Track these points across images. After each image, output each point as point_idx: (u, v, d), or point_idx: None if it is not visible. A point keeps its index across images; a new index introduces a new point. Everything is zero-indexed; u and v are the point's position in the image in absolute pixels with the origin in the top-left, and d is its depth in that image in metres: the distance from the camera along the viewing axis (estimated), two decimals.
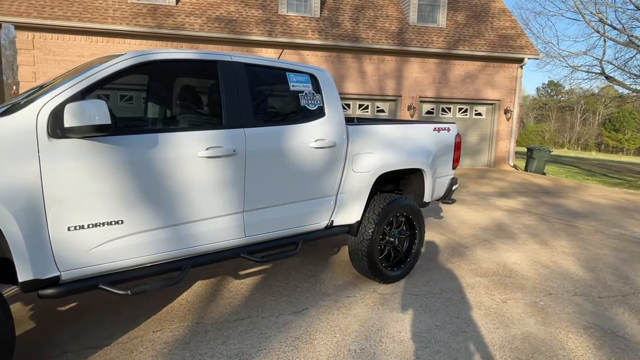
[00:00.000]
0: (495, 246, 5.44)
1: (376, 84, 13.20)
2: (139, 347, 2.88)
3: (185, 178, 2.71)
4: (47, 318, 3.24)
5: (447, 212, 7.31)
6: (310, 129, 3.36)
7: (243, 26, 12.07)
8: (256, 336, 3.06)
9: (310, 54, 12.64)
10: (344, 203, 3.70)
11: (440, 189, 4.64)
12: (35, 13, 10.68)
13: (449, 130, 4.58)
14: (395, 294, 3.86)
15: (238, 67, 3.04)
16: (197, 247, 2.86)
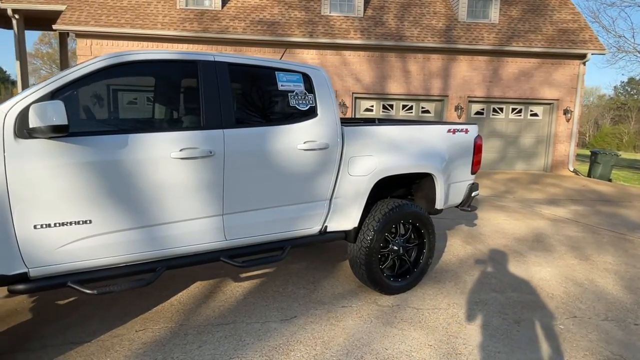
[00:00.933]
0: (526, 259, 4.96)
1: (421, 84, 12.73)
2: (117, 345, 2.90)
3: (158, 179, 2.68)
4: (44, 310, 3.38)
5: (482, 220, 6.82)
6: (299, 130, 3.22)
7: (285, 28, 12.14)
8: (234, 343, 2.98)
9: (352, 54, 12.45)
10: (339, 208, 3.52)
11: (457, 195, 4.29)
12: (93, 21, 11.44)
13: (466, 131, 4.23)
14: (396, 307, 3.61)
15: (221, 67, 2.97)
16: (172, 249, 2.82)
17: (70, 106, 2.50)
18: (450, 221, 6.66)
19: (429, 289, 4.02)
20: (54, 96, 2.42)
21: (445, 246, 5.36)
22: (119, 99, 2.69)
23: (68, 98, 2.49)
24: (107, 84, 2.65)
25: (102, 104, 2.64)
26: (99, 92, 2.61)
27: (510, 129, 13.32)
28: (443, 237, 5.77)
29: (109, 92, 2.65)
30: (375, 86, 12.64)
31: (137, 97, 2.70)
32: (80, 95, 2.54)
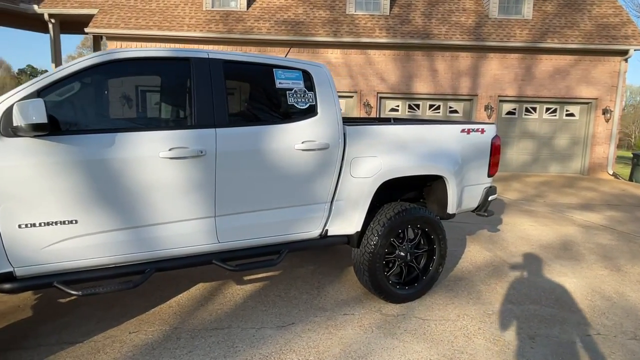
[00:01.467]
0: (550, 268, 4.63)
1: (449, 83, 12.34)
2: (108, 347, 2.87)
3: (146, 179, 2.62)
4: (45, 309, 3.40)
5: (507, 225, 6.47)
6: (297, 129, 3.09)
7: (309, 28, 12.05)
8: (225, 349, 2.88)
9: (377, 53, 12.22)
10: (341, 211, 3.36)
11: (472, 199, 4.04)
12: (122, 24, 11.74)
13: (482, 131, 3.97)
14: (401, 317, 3.42)
15: (215, 64, 2.88)
16: (162, 250, 2.76)
17: (57, 104, 2.47)
18: (471, 226, 6.35)
19: (440, 298, 3.80)
20: (40, 94, 2.40)
21: (462, 252, 5.09)
22: (107, 97, 2.64)
23: (55, 96, 2.46)
24: (96, 81, 2.61)
25: (91, 102, 2.60)
26: (88, 90, 2.58)
27: (544, 129, 12.71)
28: (462, 242, 5.50)
29: (98, 90, 2.61)
30: (401, 86, 12.36)
31: (127, 96, 2.65)
32: (68, 93, 2.50)
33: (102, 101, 2.62)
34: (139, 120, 2.66)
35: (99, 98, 2.61)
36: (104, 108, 2.61)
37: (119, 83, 2.67)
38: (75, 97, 2.53)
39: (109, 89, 2.64)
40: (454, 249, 5.21)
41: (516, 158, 12.77)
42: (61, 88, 2.49)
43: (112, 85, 2.64)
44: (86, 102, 2.58)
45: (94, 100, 2.60)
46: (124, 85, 2.69)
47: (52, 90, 2.45)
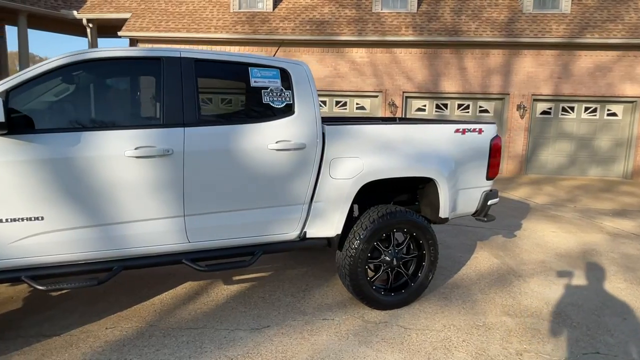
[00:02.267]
0: (562, 279, 4.32)
1: (478, 81, 11.87)
2: (81, 342, 2.92)
3: (112, 178, 2.65)
4: (35, 300, 3.52)
5: (526, 231, 6.12)
6: (271, 128, 3.03)
7: (334, 27, 11.96)
8: (192, 349, 2.87)
9: (403, 51, 11.95)
10: (319, 213, 3.27)
11: (469, 203, 3.83)
12: (153, 27, 12.13)
13: (480, 131, 3.75)
14: (382, 324, 3.28)
15: (186, 63, 2.88)
16: (130, 249, 2.78)
17: (27, 103, 2.54)
18: (486, 231, 6.05)
19: (430, 306, 3.62)
20: (9, 94, 2.47)
21: (468, 259, 4.85)
22: (76, 97, 2.69)
23: (25, 95, 2.53)
24: (67, 81, 2.66)
25: (60, 102, 2.65)
26: (58, 89, 2.63)
27: (583, 130, 11.96)
28: (470, 248, 5.24)
29: (67, 90, 2.66)
30: (428, 84, 12.02)
31: (96, 95, 2.70)
32: (37, 93, 2.57)
33: (70, 100, 2.67)
34: (107, 120, 2.69)
35: (67, 97, 2.66)
36: (71, 107, 2.66)
37: (89, 83, 2.72)
38: (45, 97, 2.59)
39: (78, 88, 2.69)
40: (460, 255, 4.97)
41: (551, 160, 12.10)
42: (32, 88, 2.56)
43: (81, 84, 2.69)
44: (55, 101, 2.63)
45: (63, 100, 2.65)
46: (94, 84, 2.73)
47: (23, 90, 2.52)
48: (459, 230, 6.04)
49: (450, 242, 5.47)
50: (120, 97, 2.81)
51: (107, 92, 2.79)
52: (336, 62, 12.13)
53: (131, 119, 2.76)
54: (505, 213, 7.20)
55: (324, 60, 12.13)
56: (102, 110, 2.74)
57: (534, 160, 12.18)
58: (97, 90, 2.72)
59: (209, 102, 2.97)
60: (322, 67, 12.16)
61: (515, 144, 11.99)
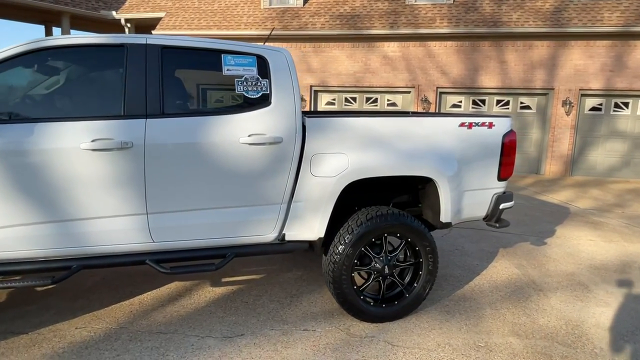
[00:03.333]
0: (590, 295, 3.78)
1: (520, 76, 11.06)
2: (45, 342, 2.82)
3: (67, 171, 2.50)
4: (19, 296, 3.48)
5: (559, 238, 5.51)
6: (244, 120, 2.78)
7: (365, 21, 11.57)
8: (154, 356, 2.68)
9: (437, 45, 11.36)
10: (300, 214, 2.99)
11: (476, 206, 3.40)
12: (186, 25, 12.28)
13: (491, 126, 3.32)
14: (368, 339, 2.96)
15: (152, 50, 2.69)
16: (90, 247, 2.63)
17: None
18: (512, 237, 5.51)
19: (427, 320, 3.24)
20: None
21: (485, 267, 4.39)
22: (32, 86, 2.57)
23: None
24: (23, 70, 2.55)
25: (13, 91, 2.54)
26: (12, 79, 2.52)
27: (639, 128, 10.85)
28: (490, 255, 4.76)
29: (22, 79, 2.55)
30: (464, 79, 11.35)
31: (54, 85, 2.57)
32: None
33: (26, 90, 2.56)
34: (64, 110, 2.55)
35: (22, 87, 2.55)
36: (27, 97, 2.54)
37: (49, 71, 2.59)
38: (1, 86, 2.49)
39: (36, 78, 2.56)
40: (476, 263, 4.51)
41: (601, 161, 11.08)
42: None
43: (40, 73, 2.56)
44: (8, 91, 2.52)
45: (17, 89, 2.54)
46: (53, 73, 2.60)
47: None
48: (481, 235, 5.54)
49: (469, 248, 5.01)
50: (80, 86, 2.67)
51: (66, 82, 2.65)
52: (367, 57, 11.74)
53: (90, 109, 2.61)
54: (539, 218, 6.58)
55: (354, 55, 11.78)
56: (60, 100, 2.60)
57: (581, 161, 11.21)
58: (56, 80, 2.59)
59: (177, 92, 2.76)
60: (352, 63, 11.82)
61: (560, 143, 11.08)
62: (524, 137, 11.41)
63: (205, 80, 2.89)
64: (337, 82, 11.99)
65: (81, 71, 2.69)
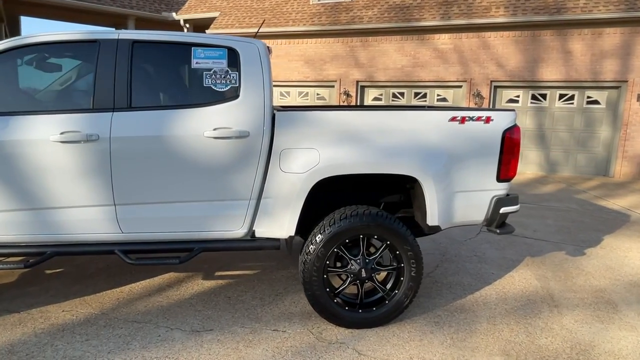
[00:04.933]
0: (615, 317, 3.29)
1: (587, 67, 9.99)
2: (31, 322, 3.00)
3: (38, 163, 2.63)
4: (27, 277, 3.75)
5: (603, 249, 4.88)
6: (210, 114, 2.74)
7: (415, 12, 11.11)
8: (119, 344, 2.75)
9: (493, 35, 10.60)
10: (269, 211, 2.90)
11: (471, 209, 3.08)
12: (237, 24, 12.62)
13: (488, 120, 2.98)
14: (337, 345, 2.80)
15: (123, 45, 2.74)
16: (63, 235, 2.75)
17: None
18: (547, 244, 4.97)
19: (411, 329, 3.01)
20: None
21: (500, 277, 4.00)
22: (9, 81, 2.72)
23: None
24: (3, 66, 2.71)
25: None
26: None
27: None
28: (512, 264, 4.33)
29: (4, 76, 2.71)
30: (523, 72, 10.49)
31: (32, 80, 2.71)
32: None
33: (4, 85, 2.71)
34: (38, 104, 2.69)
35: (4, 83, 2.71)
36: (6, 92, 2.70)
37: (27, 68, 2.74)
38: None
39: (15, 74, 2.72)
40: (492, 272, 4.13)
41: None
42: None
43: (19, 70, 2.72)
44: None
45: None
46: (32, 70, 2.75)
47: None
48: (510, 242, 5.07)
49: (491, 255, 4.60)
50: (56, 81, 2.79)
51: (43, 78, 2.79)
52: (416, 50, 11.28)
53: (62, 103, 2.72)
54: (588, 225, 5.89)
55: (402, 48, 11.37)
56: (35, 95, 2.74)
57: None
58: (34, 76, 2.73)
59: (146, 86, 2.79)
60: (401, 56, 11.42)
61: (634, 142, 9.86)
62: (591, 135, 10.30)
63: (175, 74, 2.89)
64: (384, 77, 11.66)
65: (56, 67, 2.81)
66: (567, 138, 10.49)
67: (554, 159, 10.67)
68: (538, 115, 10.69)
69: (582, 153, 10.43)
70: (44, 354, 2.64)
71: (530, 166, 10.84)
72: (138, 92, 2.74)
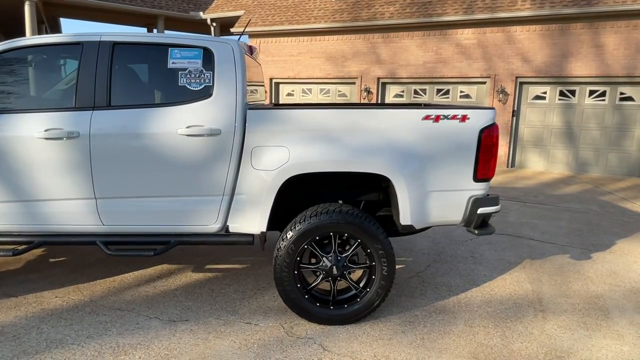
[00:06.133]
0: (603, 324, 3.15)
1: (620, 62, 9.47)
2: (24, 306, 3.22)
3: (26, 158, 2.82)
4: (32, 263, 4.01)
5: (612, 253, 4.65)
6: (183, 112, 2.84)
7: (436, 7, 10.89)
8: (99, 329, 2.91)
9: (519, 30, 10.23)
10: (242, 207, 2.97)
11: (447, 209, 3.03)
12: (260, 22, 12.80)
13: (464, 119, 2.92)
14: (304, 340, 2.85)
15: (104, 46, 2.88)
16: (50, 225, 2.94)
17: None
18: (552, 247, 4.79)
19: (383, 328, 3.01)
20: None
21: (491, 279, 3.90)
22: (3, 82, 2.92)
23: None
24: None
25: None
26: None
27: None
28: (507, 266, 4.21)
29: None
30: (550, 67, 10.07)
31: (20, 80, 2.89)
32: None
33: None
34: (26, 103, 2.88)
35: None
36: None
37: (14, 69, 2.92)
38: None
39: (4, 75, 2.91)
40: (485, 274, 4.04)
41: None
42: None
43: (7, 71, 2.91)
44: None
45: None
46: (19, 70, 2.93)
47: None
48: (513, 243, 4.92)
49: (488, 256, 4.49)
50: (44, 81, 2.97)
51: (32, 77, 2.97)
52: (438, 46, 11.05)
53: (48, 102, 2.90)
54: (604, 228, 5.62)
55: (424, 44, 11.17)
56: (24, 94, 2.93)
57: None
58: (21, 76, 2.92)
59: (125, 85, 2.92)
60: (423, 52, 11.22)
61: None
62: (623, 134, 9.76)
63: (152, 74, 3.00)
64: (406, 74, 11.51)
65: (45, 68, 3.00)
66: (597, 136, 9.99)
67: (584, 158, 10.19)
68: (566, 113, 10.23)
69: (614, 152, 9.90)
70: (28, 335, 2.83)
71: (557, 165, 10.41)
72: (117, 92, 2.88)
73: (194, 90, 2.89)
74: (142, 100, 2.93)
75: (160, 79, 2.97)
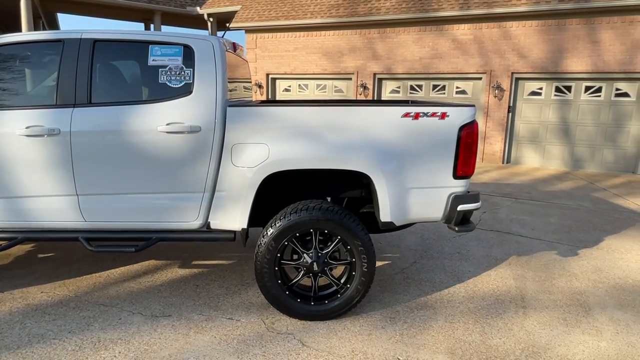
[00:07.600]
0: (583, 320, 3.17)
1: (616, 58, 9.43)
2: (10, 301, 3.25)
3: (6, 154, 2.84)
4: (23, 259, 4.05)
5: (600, 250, 4.66)
6: (164, 109, 2.86)
7: (432, 3, 10.84)
8: (81, 324, 2.94)
9: (515, 25, 10.19)
10: (223, 203, 2.99)
11: (427, 206, 3.04)
12: (257, 17, 12.76)
13: (443, 116, 2.92)
14: (283, 336, 2.87)
15: (85, 44, 2.89)
16: (32, 222, 2.96)
17: None
18: (540, 244, 4.81)
19: (363, 324, 3.03)
20: None
21: (475, 275, 3.92)
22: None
23: None
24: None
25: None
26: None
27: None
28: (493, 262, 4.23)
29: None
30: (546, 63, 10.04)
31: (3, 77, 2.90)
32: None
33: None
34: (8, 100, 2.89)
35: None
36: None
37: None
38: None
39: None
40: (469, 270, 4.06)
41: None
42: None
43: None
44: None
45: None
46: (3, 68, 2.94)
47: None
48: (501, 240, 4.94)
49: (475, 253, 4.51)
50: (25, 79, 2.99)
51: (12, 75, 2.98)
52: (434, 42, 11.02)
53: (29, 99, 2.91)
54: (594, 225, 5.63)
55: (421, 40, 11.14)
56: (6, 91, 2.94)
57: None
58: (2, 74, 2.93)
59: (106, 83, 2.93)
60: (419, 48, 11.19)
61: None
62: (619, 130, 9.75)
63: (134, 71, 3.01)
64: (402, 69, 11.48)
65: (27, 65, 3.00)
66: (593, 132, 9.97)
67: (579, 154, 10.18)
68: (562, 109, 10.21)
69: (610, 149, 9.89)
70: (12, 330, 2.86)
71: (552, 161, 10.41)
72: (98, 89, 2.89)
73: (174, 88, 2.90)
74: (122, 98, 2.94)
75: (141, 76, 2.98)
